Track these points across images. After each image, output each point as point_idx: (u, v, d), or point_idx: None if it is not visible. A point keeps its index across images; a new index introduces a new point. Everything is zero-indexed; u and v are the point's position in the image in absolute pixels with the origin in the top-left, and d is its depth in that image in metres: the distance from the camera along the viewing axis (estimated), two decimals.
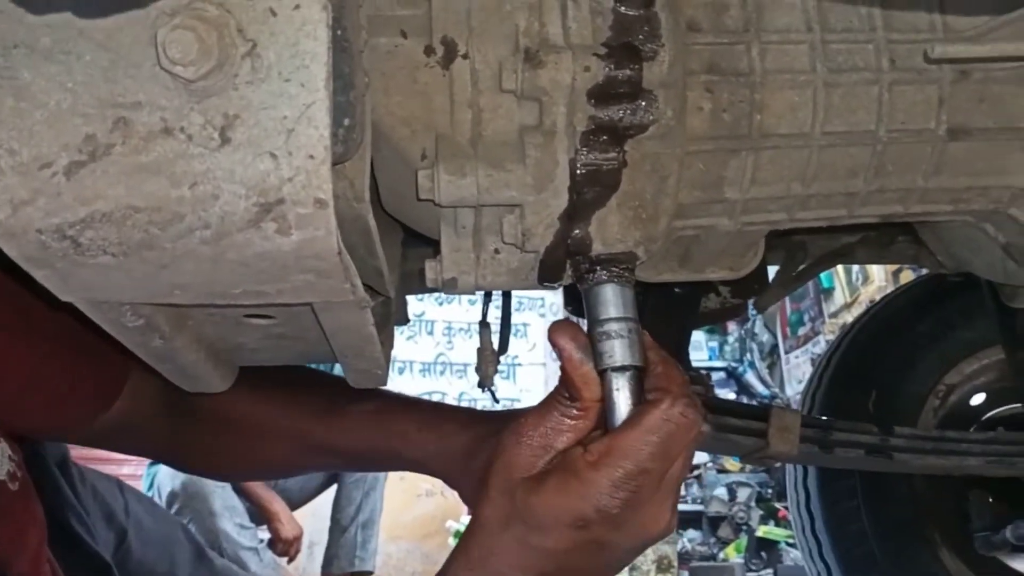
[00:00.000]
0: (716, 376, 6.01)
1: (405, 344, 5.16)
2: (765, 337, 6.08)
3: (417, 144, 0.68)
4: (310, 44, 0.49)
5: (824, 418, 1.47)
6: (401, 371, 5.24)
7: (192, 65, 0.47)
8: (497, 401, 1.22)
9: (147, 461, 3.04)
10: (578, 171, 0.66)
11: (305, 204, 0.52)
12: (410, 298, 1.26)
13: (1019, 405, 1.65)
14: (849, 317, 5.17)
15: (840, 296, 5.19)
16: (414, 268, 1.11)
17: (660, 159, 0.68)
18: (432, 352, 5.30)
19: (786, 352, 5.85)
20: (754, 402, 5.94)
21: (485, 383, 1.09)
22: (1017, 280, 0.86)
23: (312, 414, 0.94)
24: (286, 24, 0.49)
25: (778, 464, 2.43)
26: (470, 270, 0.74)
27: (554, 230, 0.69)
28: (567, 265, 0.72)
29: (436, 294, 1.34)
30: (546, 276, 0.73)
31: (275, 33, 0.49)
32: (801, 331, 5.66)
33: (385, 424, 0.95)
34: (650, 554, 4.11)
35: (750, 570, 4.68)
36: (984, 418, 1.77)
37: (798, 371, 5.66)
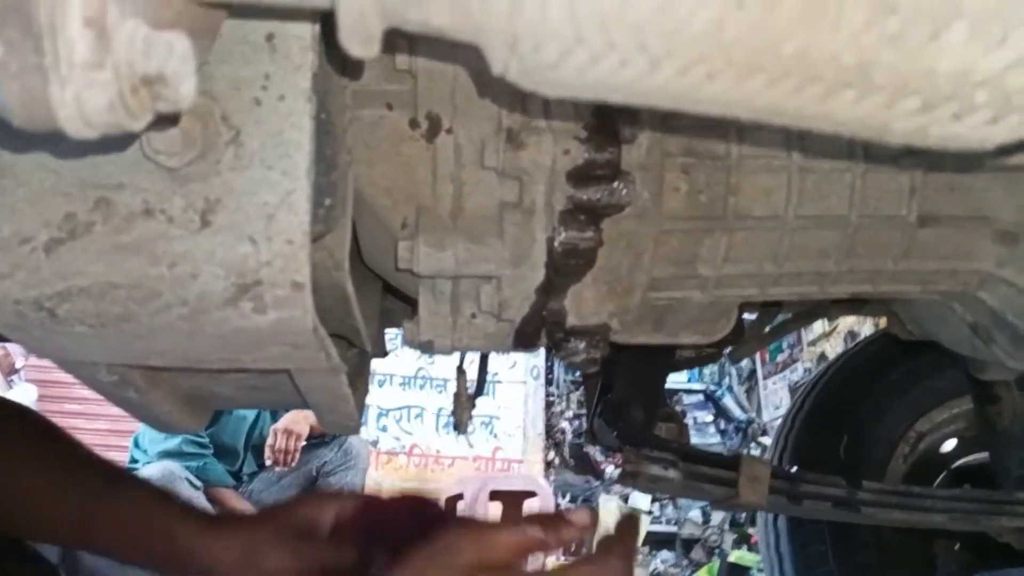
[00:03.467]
0: (694, 399, 6.03)
1: (386, 357, 5.15)
2: (743, 362, 6.12)
3: (398, 213, 0.68)
4: (294, 134, 0.50)
5: (794, 470, 1.48)
6: (381, 384, 5.23)
7: (176, 155, 0.47)
8: (471, 446, 1.23)
9: (121, 464, 3.01)
10: (555, 248, 0.67)
11: (282, 286, 0.53)
12: None
13: (987, 455, 1.67)
14: (827, 345, 5.21)
15: (819, 325, 5.22)
16: (395, 304, 1.11)
17: (636, 237, 0.69)
18: (412, 366, 5.29)
19: (764, 378, 5.88)
20: (731, 426, 5.97)
21: (460, 429, 1.09)
22: (982, 356, 0.88)
23: (81, 502, 0.88)
24: (271, 114, 0.50)
25: None
26: (447, 333, 0.75)
27: (530, 302, 0.70)
28: (542, 333, 0.73)
29: None
30: (521, 344, 0.74)
31: (260, 122, 0.50)
32: (780, 357, 5.69)
33: (151, 520, 0.89)
34: None
35: None
36: (954, 466, 1.79)
37: (775, 397, 5.69)
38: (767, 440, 5.34)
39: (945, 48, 0.30)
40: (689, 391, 6.05)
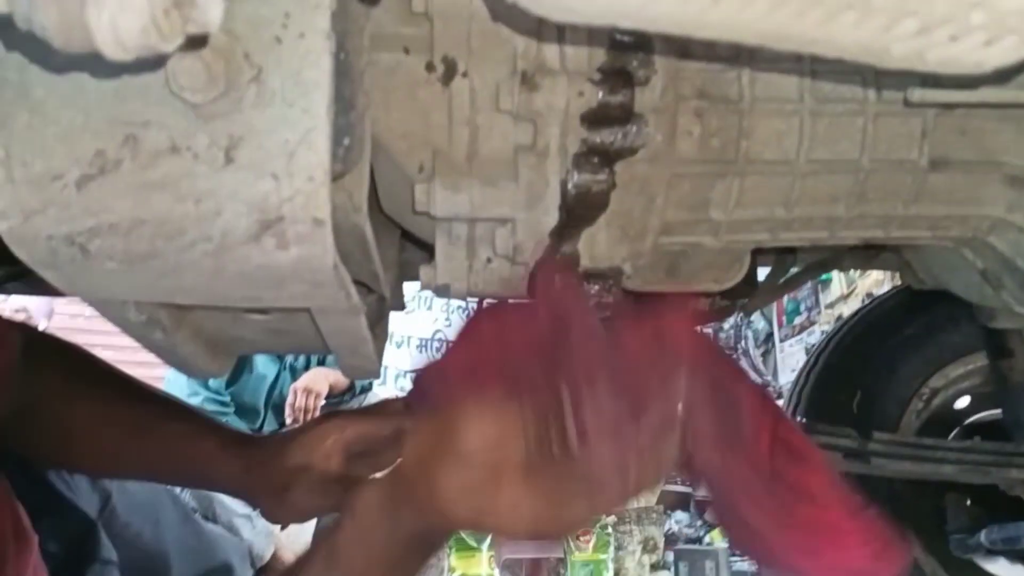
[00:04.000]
0: None
1: (403, 319, 5.18)
2: (761, 325, 6.10)
3: (415, 158, 0.70)
4: (313, 72, 0.52)
5: (804, 421, 1.50)
6: (399, 345, 5.27)
7: (200, 91, 0.49)
8: None
9: None
10: (569, 191, 0.68)
11: (304, 222, 0.54)
12: None
13: (1000, 411, 1.67)
14: (845, 308, 5.18)
15: (837, 287, 5.19)
16: (412, 257, 1.13)
17: (648, 180, 0.71)
18: (430, 328, 5.33)
19: (781, 340, 5.86)
20: None
21: None
22: (993, 303, 0.88)
23: (129, 431, 0.94)
24: (291, 52, 0.51)
25: None
26: (463, 277, 0.77)
27: (544, 245, 0.71)
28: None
29: None
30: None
31: (280, 60, 0.51)
32: (797, 320, 5.67)
33: (193, 446, 0.96)
34: (636, 534, 4.18)
35: (734, 555, 4.74)
36: (967, 422, 1.80)
37: (792, 360, 5.68)
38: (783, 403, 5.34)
39: None
40: None
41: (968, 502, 1.74)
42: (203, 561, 1.67)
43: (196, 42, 0.36)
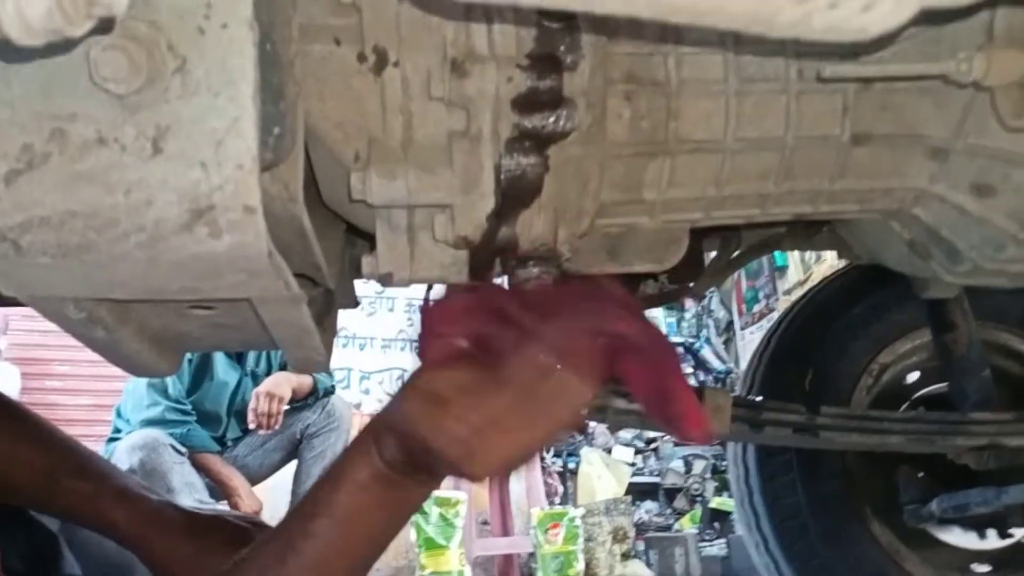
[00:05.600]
0: None
1: (367, 320, 5.18)
2: (721, 314, 6.19)
3: (350, 147, 0.71)
4: (237, 61, 0.52)
5: (755, 399, 1.53)
6: (363, 347, 5.26)
7: (123, 82, 0.50)
8: None
9: (105, 436, 3.05)
10: (503, 175, 0.69)
11: (235, 210, 0.55)
12: None
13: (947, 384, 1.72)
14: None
15: (794, 274, 5.29)
16: (361, 254, 1.14)
17: (582, 163, 0.72)
18: (393, 328, 5.33)
19: (741, 328, 5.95)
20: (710, 377, 6.06)
21: None
22: (923, 273, 0.91)
23: (32, 477, 0.95)
24: (214, 42, 0.52)
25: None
26: (404, 265, 0.78)
27: (482, 230, 0.72)
28: (496, 261, 0.76)
29: None
30: (476, 271, 0.77)
31: (204, 51, 0.52)
32: (756, 308, 5.76)
33: (99, 510, 0.97)
34: (606, 525, 4.21)
35: (703, 540, 4.80)
36: (915, 396, 1.85)
37: (753, 346, 5.77)
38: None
39: None
40: None
41: (920, 474, 1.78)
42: None
43: (106, 25, 0.36)
